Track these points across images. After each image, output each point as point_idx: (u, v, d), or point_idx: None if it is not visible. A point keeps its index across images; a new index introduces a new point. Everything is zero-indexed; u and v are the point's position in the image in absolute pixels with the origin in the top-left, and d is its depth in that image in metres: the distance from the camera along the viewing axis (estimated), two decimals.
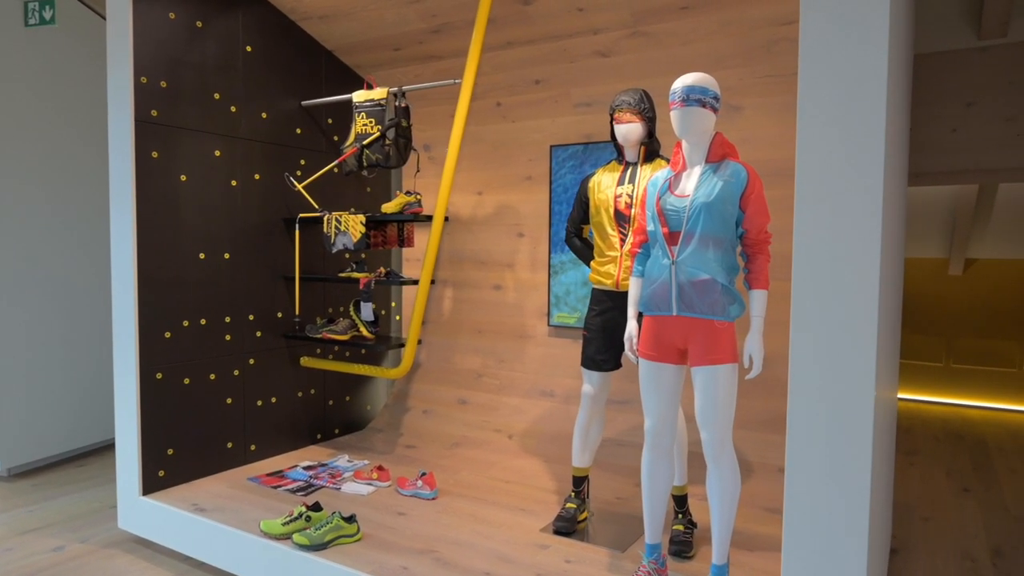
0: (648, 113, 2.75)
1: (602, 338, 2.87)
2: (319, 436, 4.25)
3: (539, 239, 4.11)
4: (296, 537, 2.76)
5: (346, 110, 4.29)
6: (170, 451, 3.42)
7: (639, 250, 2.50)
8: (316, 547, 2.74)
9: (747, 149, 3.30)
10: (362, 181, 4.45)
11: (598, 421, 2.99)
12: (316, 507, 2.94)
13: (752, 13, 3.22)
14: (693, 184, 2.28)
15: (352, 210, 4.25)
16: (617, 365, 2.91)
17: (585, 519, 3.04)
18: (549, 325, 4.07)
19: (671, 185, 2.34)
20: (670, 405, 2.40)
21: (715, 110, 2.28)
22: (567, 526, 2.94)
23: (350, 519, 2.85)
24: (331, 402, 4.32)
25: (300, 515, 2.88)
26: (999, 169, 4.10)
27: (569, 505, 3.00)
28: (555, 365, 4.06)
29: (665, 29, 3.43)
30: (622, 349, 2.88)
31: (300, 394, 4.11)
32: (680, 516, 2.86)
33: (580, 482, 3.04)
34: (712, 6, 3.23)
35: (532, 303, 4.16)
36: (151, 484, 3.34)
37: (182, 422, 3.47)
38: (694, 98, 2.23)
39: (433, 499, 3.32)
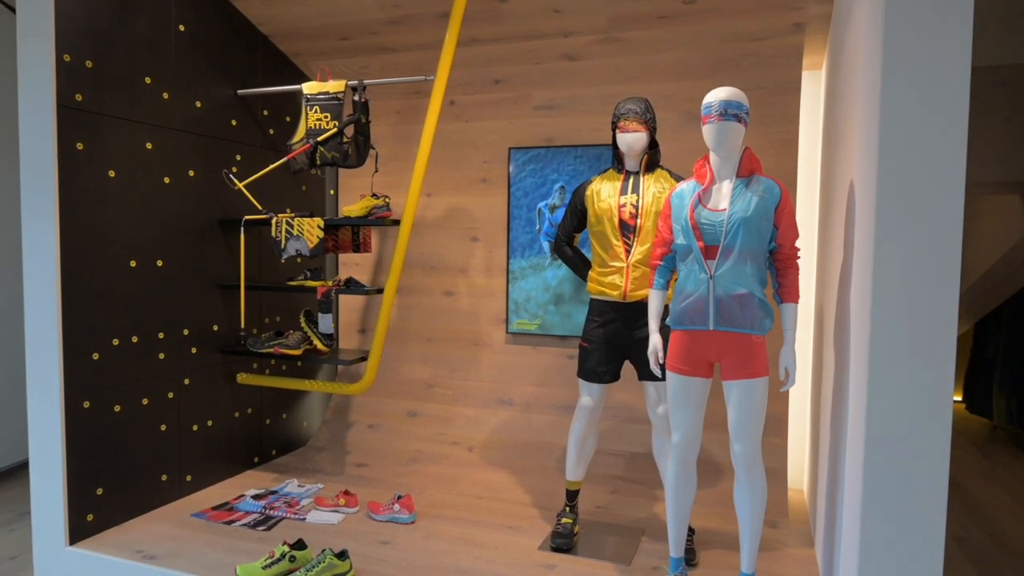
0: (652, 123, 2.73)
1: (604, 350, 2.81)
2: (256, 459, 3.86)
3: (496, 244, 3.98)
4: None
5: (284, 102, 3.92)
6: (99, 491, 2.95)
7: (660, 263, 2.47)
8: None
9: None
10: (299, 179, 4.08)
11: (594, 433, 2.94)
12: (299, 545, 2.65)
13: (725, 28, 3.30)
14: (726, 198, 2.28)
15: (288, 210, 3.88)
16: (616, 377, 2.87)
17: (577, 532, 2.99)
18: (507, 332, 3.96)
19: (701, 199, 2.33)
20: (697, 419, 2.40)
21: (746, 124, 2.30)
22: (566, 542, 2.86)
23: (342, 555, 2.60)
24: (268, 421, 3.94)
25: (283, 556, 2.58)
26: None
27: (565, 520, 2.93)
28: (514, 373, 3.96)
29: (638, 37, 3.43)
30: (623, 361, 2.84)
31: (237, 414, 3.71)
32: None
33: (574, 496, 2.98)
34: (689, 18, 3.27)
35: (488, 310, 4.02)
36: (79, 531, 2.87)
37: (113, 456, 3.01)
38: (731, 113, 2.23)
39: (411, 523, 3.11)
